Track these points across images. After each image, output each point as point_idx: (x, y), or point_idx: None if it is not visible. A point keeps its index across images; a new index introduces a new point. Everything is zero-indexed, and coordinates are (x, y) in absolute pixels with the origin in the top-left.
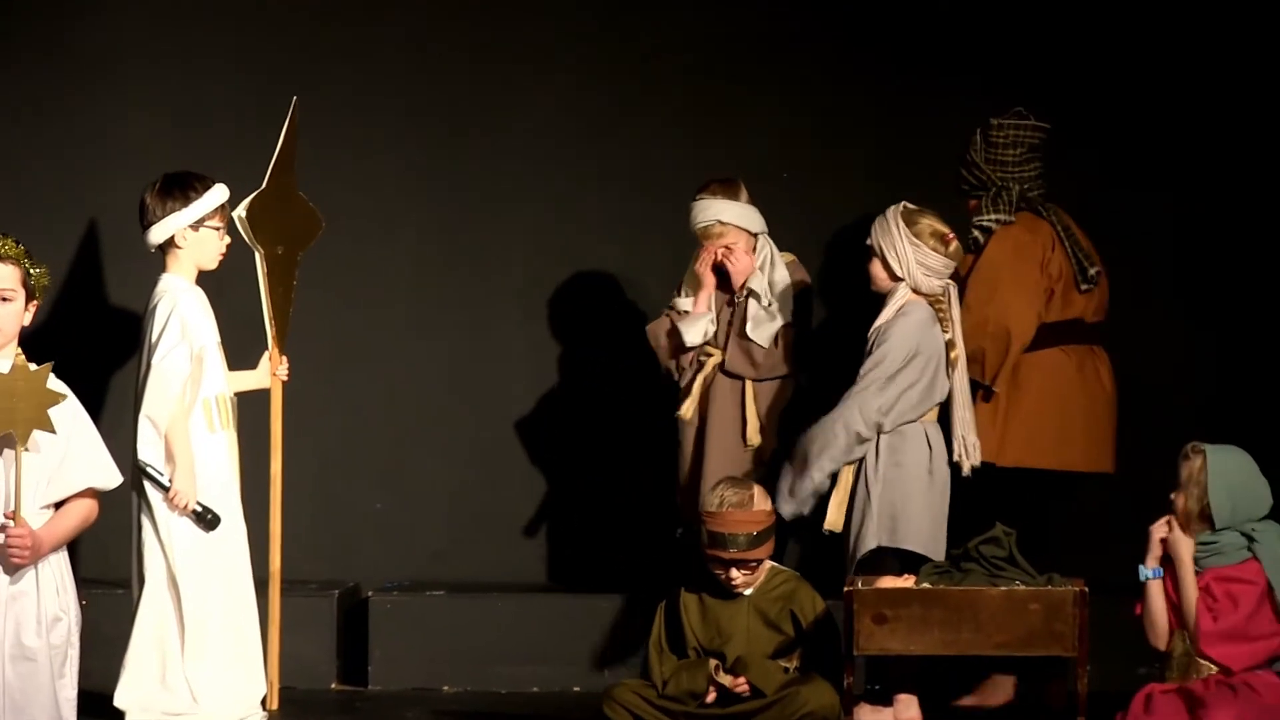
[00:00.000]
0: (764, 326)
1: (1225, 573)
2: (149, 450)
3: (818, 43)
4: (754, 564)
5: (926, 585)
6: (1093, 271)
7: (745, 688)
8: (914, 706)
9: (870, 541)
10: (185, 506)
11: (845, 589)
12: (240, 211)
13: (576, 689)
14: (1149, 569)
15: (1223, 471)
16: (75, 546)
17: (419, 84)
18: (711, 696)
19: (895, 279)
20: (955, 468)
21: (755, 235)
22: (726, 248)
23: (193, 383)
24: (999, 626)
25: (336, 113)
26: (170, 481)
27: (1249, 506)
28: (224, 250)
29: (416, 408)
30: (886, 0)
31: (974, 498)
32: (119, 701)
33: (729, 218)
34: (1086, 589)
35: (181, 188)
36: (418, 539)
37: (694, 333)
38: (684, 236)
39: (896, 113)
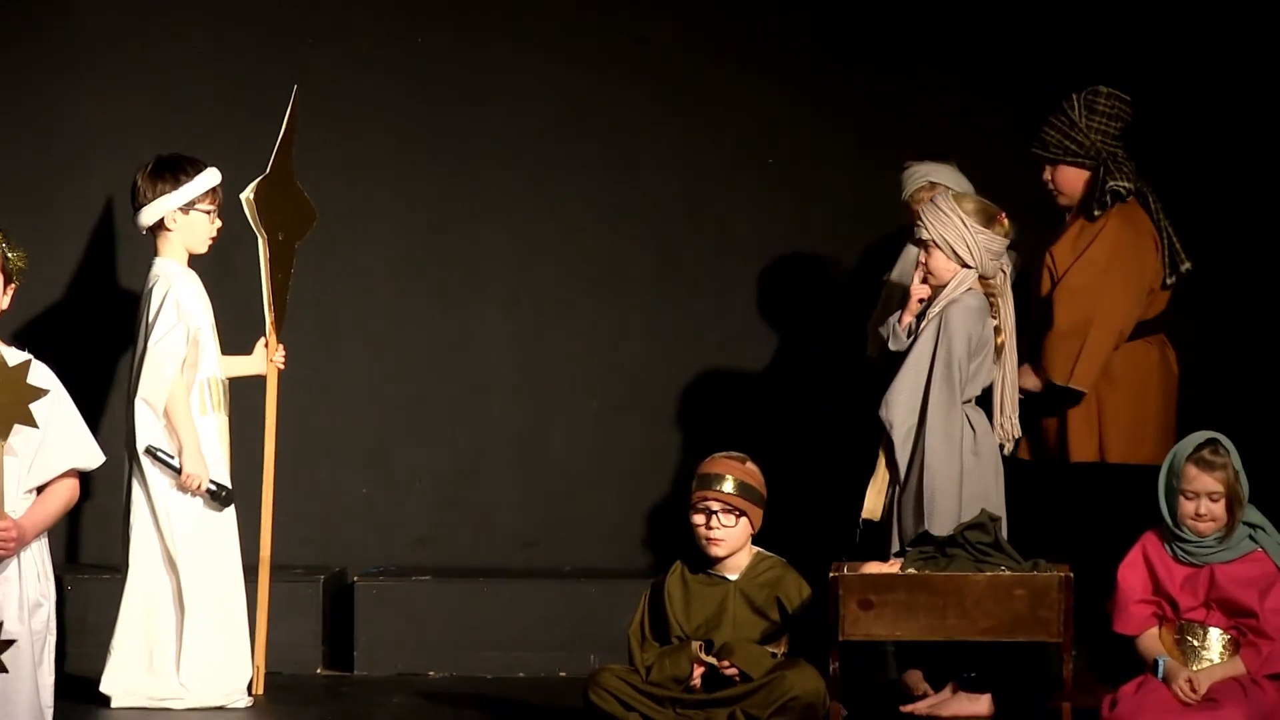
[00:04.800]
0: None
1: (1238, 573)
2: (148, 433)
3: (800, 30)
4: (735, 514)
5: (912, 571)
6: (1184, 268)
7: (733, 670)
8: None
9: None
10: (199, 487)
11: (830, 574)
12: (248, 194)
13: (563, 674)
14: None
15: (1241, 465)
16: (62, 531)
17: (405, 72)
18: (696, 679)
19: (964, 266)
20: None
21: None
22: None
23: (190, 365)
24: (984, 612)
25: (323, 101)
26: (180, 465)
27: None
28: (214, 234)
29: (403, 393)
30: None
31: (1074, 498)
32: (105, 687)
33: (939, 178)
34: (1072, 574)
35: (172, 170)
36: (404, 524)
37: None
38: (668, 224)
39: (879, 101)
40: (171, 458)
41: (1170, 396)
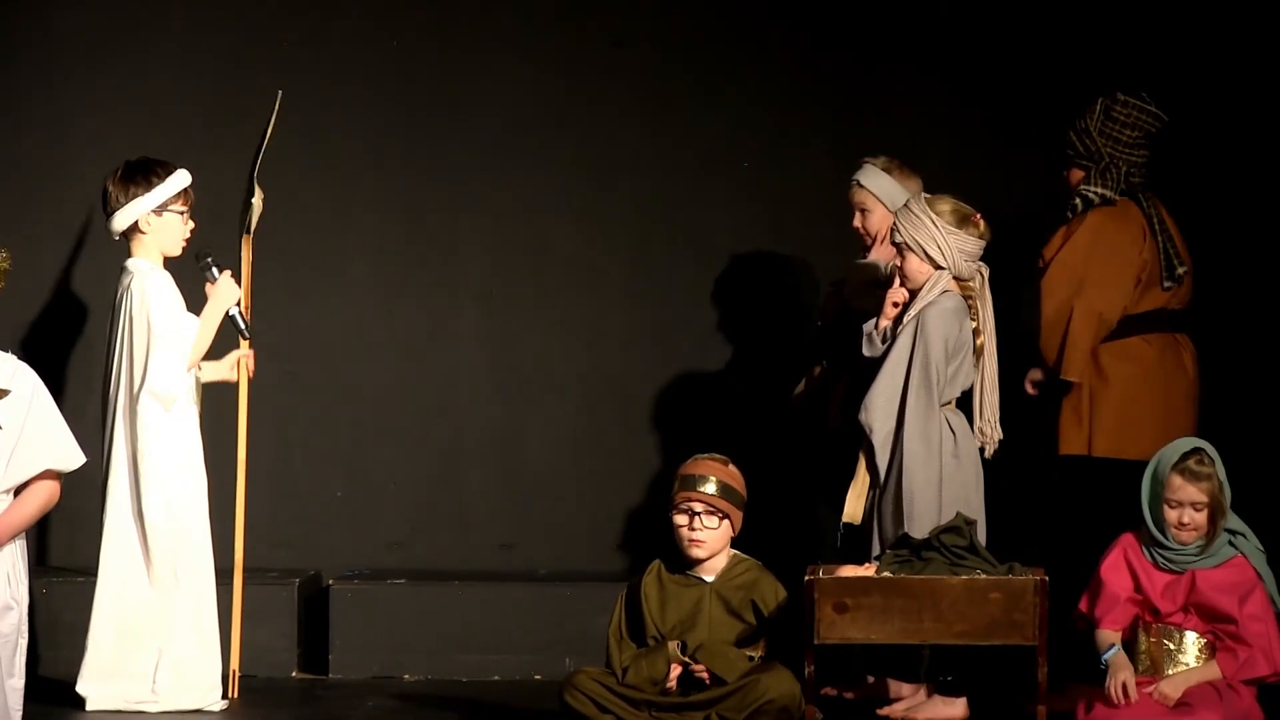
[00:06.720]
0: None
1: (1219, 579)
2: (150, 430)
3: (777, 31)
4: (718, 516)
5: (887, 574)
6: (1180, 271)
7: (707, 675)
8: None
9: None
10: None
11: (806, 577)
12: (258, 198)
13: (538, 677)
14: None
15: (1225, 475)
16: (40, 533)
17: (381, 73)
18: (673, 680)
19: (937, 268)
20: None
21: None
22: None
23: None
24: (960, 616)
25: (297, 100)
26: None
27: None
28: (188, 235)
29: (377, 396)
30: None
31: (1063, 491)
32: (81, 689)
33: (866, 182)
34: (1046, 578)
35: (144, 173)
36: (379, 527)
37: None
38: (644, 225)
39: (858, 102)
40: (242, 323)
41: (1174, 396)
